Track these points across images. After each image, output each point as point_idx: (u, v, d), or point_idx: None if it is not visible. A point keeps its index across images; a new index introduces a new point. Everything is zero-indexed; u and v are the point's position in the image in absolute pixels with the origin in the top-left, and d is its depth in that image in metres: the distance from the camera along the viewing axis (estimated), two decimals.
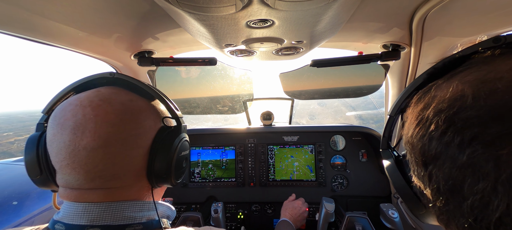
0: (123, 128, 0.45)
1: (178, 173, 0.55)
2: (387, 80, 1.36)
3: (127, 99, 0.48)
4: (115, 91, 0.49)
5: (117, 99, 0.47)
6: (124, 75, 0.53)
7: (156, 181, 0.51)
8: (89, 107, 0.44)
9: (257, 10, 0.59)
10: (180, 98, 1.58)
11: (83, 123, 0.43)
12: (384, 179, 1.52)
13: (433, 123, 0.28)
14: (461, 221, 0.26)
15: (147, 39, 1.00)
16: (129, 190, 0.48)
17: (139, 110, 0.49)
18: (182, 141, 0.56)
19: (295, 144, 1.62)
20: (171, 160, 0.51)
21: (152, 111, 0.52)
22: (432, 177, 0.29)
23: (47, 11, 0.68)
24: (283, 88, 1.55)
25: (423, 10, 0.78)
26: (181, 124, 0.56)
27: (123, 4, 0.72)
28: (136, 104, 0.49)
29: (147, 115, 0.50)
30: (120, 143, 0.44)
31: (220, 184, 1.61)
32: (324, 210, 1.21)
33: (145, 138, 0.48)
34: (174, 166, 0.53)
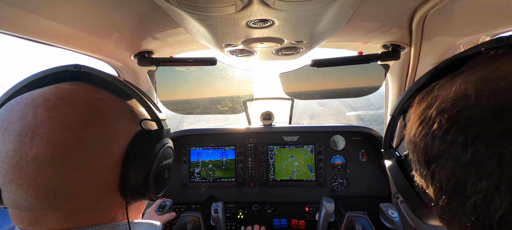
0: (87, 134, 0.36)
1: (158, 186, 0.46)
2: (387, 80, 1.36)
3: (95, 97, 0.40)
4: (80, 87, 0.41)
5: (81, 98, 0.39)
6: (93, 68, 0.44)
7: (131, 196, 0.42)
8: (43, 107, 0.35)
9: (257, 10, 0.59)
10: (180, 98, 1.58)
11: (33, 127, 0.34)
12: (384, 179, 1.52)
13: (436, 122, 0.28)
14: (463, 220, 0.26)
15: (147, 39, 1.00)
16: (96, 210, 0.40)
17: (111, 111, 0.41)
18: (164, 148, 0.47)
19: (295, 144, 1.62)
20: (149, 171, 0.43)
21: (127, 113, 0.44)
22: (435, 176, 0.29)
23: (47, 11, 0.68)
24: (283, 88, 1.55)
25: (423, 10, 0.78)
26: (163, 128, 0.48)
27: (123, 4, 0.72)
28: (106, 104, 0.41)
29: (121, 117, 0.42)
30: (82, 152, 0.36)
31: (220, 184, 1.61)
32: (324, 210, 1.21)
33: (117, 145, 0.40)
34: (153, 178, 0.44)
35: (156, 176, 0.44)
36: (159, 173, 0.46)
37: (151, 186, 0.44)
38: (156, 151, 0.44)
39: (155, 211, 1.22)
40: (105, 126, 0.39)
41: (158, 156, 0.44)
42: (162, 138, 0.47)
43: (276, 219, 1.57)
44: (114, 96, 0.44)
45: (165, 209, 1.23)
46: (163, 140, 0.47)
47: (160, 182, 0.47)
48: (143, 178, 0.42)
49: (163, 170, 0.47)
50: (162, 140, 0.47)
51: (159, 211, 1.21)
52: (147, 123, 0.48)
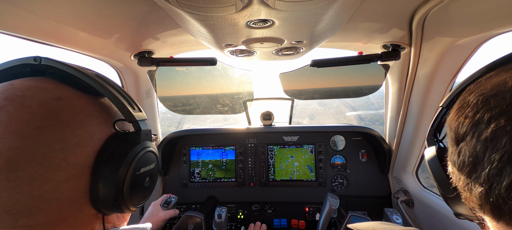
0: (41, 141, 0.31)
1: (136, 197, 0.40)
2: (387, 80, 1.36)
3: (53, 97, 0.34)
4: (37, 84, 0.35)
5: (35, 97, 0.33)
6: (56, 61, 0.37)
7: (105, 208, 0.37)
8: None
9: (257, 10, 0.59)
10: (180, 99, 1.59)
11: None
12: (384, 179, 1.53)
13: (471, 104, 0.31)
14: (478, 190, 0.29)
15: (147, 39, 1.01)
16: (62, 225, 0.34)
17: (73, 112, 0.35)
18: (142, 153, 0.40)
19: (295, 144, 1.62)
20: (123, 180, 0.37)
21: (96, 114, 0.38)
22: (460, 153, 0.32)
23: (47, 12, 0.68)
24: (283, 88, 1.55)
25: (423, 10, 0.78)
26: (140, 129, 0.41)
27: (124, 5, 0.72)
28: (68, 104, 0.35)
29: (87, 119, 0.36)
30: (36, 163, 0.30)
31: (220, 184, 1.61)
32: (328, 205, 1.21)
33: (82, 152, 0.34)
34: (128, 188, 0.38)
35: (132, 186, 0.38)
36: (136, 182, 0.39)
37: (127, 197, 0.37)
38: (130, 157, 0.38)
39: (160, 205, 1.22)
40: (65, 130, 0.33)
41: (134, 163, 0.38)
42: (140, 142, 0.40)
43: (276, 219, 1.57)
44: (81, 93, 0.38)
45: (170, 205, 1.23)
46: (141, 144, 0.40)
47: (138, 192, 0.40)
48: (116, 189, 0.36)
49: (142, 178, 0.41)
50: (140, 144, 0.40)
51: (164, 206, 1.22)
52: (124, 125, 0.42)
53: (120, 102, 0.39)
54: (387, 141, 1.47)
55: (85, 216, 0.36)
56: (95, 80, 0.38)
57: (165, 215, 1.18)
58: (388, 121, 1.44)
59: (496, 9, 0.67)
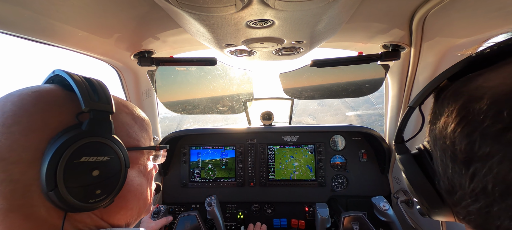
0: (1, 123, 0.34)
1: (78, 189, 0.36)
2: (387, 80, 1.36)
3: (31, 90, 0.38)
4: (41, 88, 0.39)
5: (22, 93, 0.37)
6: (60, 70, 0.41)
7: (55, 204, 0.35)
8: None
9: (257, 10, 0.59)
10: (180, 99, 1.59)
11: None
12: (384, 179, 1.53)
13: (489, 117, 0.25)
14: (505, 223, 0.25)
15: (147, 39, 1.01)
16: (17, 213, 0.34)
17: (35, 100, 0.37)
18: (87, 141, 0.37)
19: (295, 144, 1.62)
20: (55, 165, 0.34)
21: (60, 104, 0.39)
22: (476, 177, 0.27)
23: (47, 11, 0.68)
24: (283, 88, 1.55)
25: (423, 11, 0.78)
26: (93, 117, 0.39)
27: (124, 4, 0.72)
28: (36, 94, 0.38)
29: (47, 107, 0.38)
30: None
31: (220, 184, 1.61)
32: (319, 217, 1.22)
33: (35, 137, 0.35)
34: (63, 180, 0.35)
35: (68, 174, 0.35)
36: (74, 170, 0.36)
37: (62, 189, 0.34)
38: (70, 141, 0.36)
39: (150, 218, 1.23)
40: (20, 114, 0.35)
41: (69, 150, 0.35)
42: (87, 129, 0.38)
43: (276, 219, 1.57)
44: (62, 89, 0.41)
45: (160, 214, 1.24)
46: (89, 132, 0.38)
47: (81, 183, 0.37)
48: (47, 173, 0.34)
49: (83, 167, 0.37)
50: (87, 132, 0.38)
51: (154, 217, 1.22)
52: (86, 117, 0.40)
53: (81, 90, 0.39)
54: (387, 141, 1.47)
55: (42, 208, 0.36)
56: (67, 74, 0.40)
57: (156, 225, 1.18)
58: (388, 121, 1.44)
59: (496, 10, 0.68)
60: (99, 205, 0.40)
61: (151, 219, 1.22)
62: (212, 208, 1.25)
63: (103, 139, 0.40)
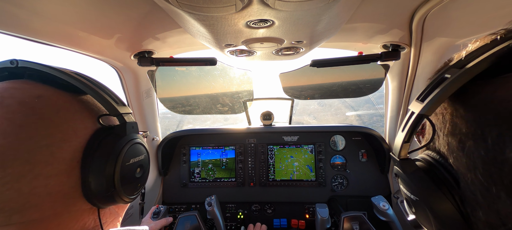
0: (24, 138, 0.32)
1: (129, 187, 0.42)
2: (387, 80, 1.36)
3: (33, 95, 0.35)
4: (16, 85, 0.36)
5: (14, 97, 0.34)
6: (33, 62, 0.38)
7: (99, 201, 0.38)
8: None
9: (257, 10, 0.59)
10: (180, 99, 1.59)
11: None
12: (384, 179, 1.53)
13: None
14: None
15: (147, 39, 1.01)
16: (56, 220, 0.35)
17: (54, 109, 0.36)
18: (130, 144, 0.42)
19: (295, 144, 1.62)
20: (113, 172, 0.38)
21: (79, 109, 0.39)
22: None
23: (47, 11, 0.68)
24: (283, 88, 1.55)
25: (423, 10, 0.78)
26: (126, 122, 0.42)
27: (124, 5, 0.72)
28: (49, 102, 0.36)
29: (70, 115, 0.37)
30: (22, 159, 0.31)
31: (220, 184, 1.61)
32: (319, 217, 1.22)
33: (68, 147, 0.35)
34: (119, 179, 0.39)
35: (123, 177, 0.40)
36: (126, 173, 0.41)
37: (119, 188, 0.39)
38: (118, 148, 0.39)
39: (150, 218, 1.23)
40: (47, 126, 0.34)
41: (122, 153, 0.40)
42: (126, 134, 0.42)
43: (276, 219, 1.57)
44: (61, 92, 0.39)
45: (159, 215, 1.24)
46: (127, 136, 0.42)
47: (130, 182, 0.42)
48: (107, 180, 0.37)
49: (133, 168, 0.43)
50: (126, 136, 0.42)
51: (154, 217, 1.22)
52: (109, 119, 0.43)
53: (102, 97, 0.40)
54: (387, 141, 1.47)
55: (78, 210, 0.37)
56: (74, 78, 0.39)
57: (156, 226, 1.18)
58: (388, 121, 1.44)
59: (496, 9, 0.68)
60: (136, 197, 0.45)
61: (151, 219, 1.22)
62: (212, 208, 1.25)
63: (139, 139, 0.45)
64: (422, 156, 0.37)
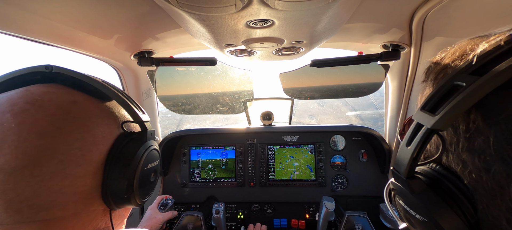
0: (61, 140, 0.34)
1: (143, 190, 0.45)
2: (387, 80, 1.36)
3: (69, 100, 0.38)
4: (51, 90, 0.38)
5: (53, 101, 0.36)
6: (66, 68, 0.41)
7: (115, 202, 0.40)
8: (10, 112, 0.33)
9: (257, 10, 0.59)
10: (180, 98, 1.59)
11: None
12: (384, 179, 1.53)
13: None
14: None
15: (147, 39, 1.01)
16: (74, 220, 0.37)
17: (87, 114, 0.38)
18: (149, 151, 0.45)
19: (295, 144, 1.62)
20: (134, 176, 0.41)
21: (106, 115, 0.41)
22: None
23: (47, 11, 0.68)
24: (283, 88, 1.55)
25: (423, 10, 0.78)
26: (147, 129, 0.45)
27: (124, 5, 0.72)
28: (82, 107, 0.38)
29: (99, 120, 0.40)
30: (57, 159, 0.33)
31: (220, 184, 1.61)
32: (324, 209, 1.21)
33: (96, 150, 0.38)
34: (138, 183, 0.42)
35: (141, 181, 0.43)
36: (144, 177, 0.44)
37: (136, 191, 0.42)
38: (140, 154, 0.42)
39: (157, 208, 1.23)
40: (82, 130, 0.36)
41: (143, 159, 0.43)
42: (146, 141, 0.45)
43: (276, 219, 1.57)
44: (91, 98, 0.41)
45: (167, 207, 1.23)
46: (147, 142, 0.45)
47: (145, 186, 0.45)
48: (127, 183, 0.40)
49: (148, 173, 0.46)
50: (146, 143, 0.44)
51: (161, 209, 1.22)
52: (130, 126, 0.45)
53: (127, 105, 0.44)
54: (387, 141, 1.47)
55: (94, 211, 0.39)
56: (103, 85, 0.42)
57: (163, 217, 1.19)
58: (388, 121, 1.44)
59: (496, 9, 0.68)
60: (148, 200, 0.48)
61: (158, 210, 1.22)
62: (218, 216, 1.25)
63: (156, 146, 0.48)
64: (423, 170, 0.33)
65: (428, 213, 0.30)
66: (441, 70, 0.34)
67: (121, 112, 0.45)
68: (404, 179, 0.32)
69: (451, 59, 0.33)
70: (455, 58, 0.33)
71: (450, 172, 0.30)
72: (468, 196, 0.28)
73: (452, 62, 0.33)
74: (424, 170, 0.33)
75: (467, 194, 0.28)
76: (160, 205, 1.24)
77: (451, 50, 0.34)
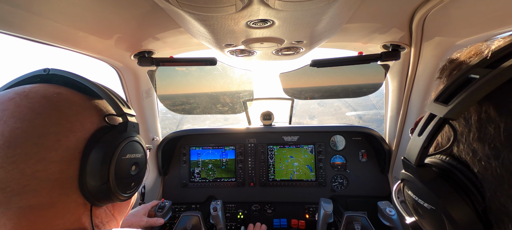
0: (38, 123, 0.35)
1: (122, 183, 0.43)
2: (387, 80, 1.36)
3: (54, 92, 0.39)
4: (44, 87, 0.40)
5: (39, 92, 0.38)
6: (61, 70, 0.44)
7: (93, 195, 0.39)
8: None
9: (257, 10, 0.59)
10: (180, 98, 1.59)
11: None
12: (384, 179, 1.53)
13: None
14: None
15: (147, 39, 1.01)
16: (52, 210, 0.36)
17: (68, 103, 0.39)
18: (128, 141, 0.44)
19: (295, 144, 1.62)
20: (108, 166, 0.39)
21: (89, 107, 0.42)
22: None
23: (47, 11, 0.68)
24: (283, 88, 1.55)
25: (423, 10, 0.78)
26: (128, 121, 0.45)
27: (124, 5, 0.72)
28: (66, 97, 0.40)
29: (80, 110, 0.40)
30: (31, 142, 0.34)
31: (220, 184, 1.61)
32: (322, 211, 1.21)
33: (73, 137, 0.38)
34: (114, 175, 0.40)
35: (117, 171, 0.41)
36: (121, 167, 0.42)
37: (113, 183, 0.40)
38: (116, 142, 0.41)
39: (155, 211, 1.22)
40: (59, 116, 0.37)
41: (119, 148, 0.42)
42: (125, 131, 0.44)
43: (276, 219, 1.57)
44: (79, 93, 0.43)
45: (164, 209, 1.23)
46: (127, 132, 0.44)
47: (125, 178, 0.43)
48: (101, 173, 0.39)
49: (127, 164, 0.44)
50: (126, 132, 0.44)
51: (158, 212, 1.22)
52: (113, 119, 0.45)
53: (111, 98, 0.45)
54: (387, 141, 1.47)
55: (73, 203, 0.39)
56: (92, 83, 0.43)
57: (148, 221, 1.12)
58: (388, 121, 1.44)
59: (496, 9, 0.67)
60: (130, 196, 0.46)
61: (156, 212, 1.21)
62: (216, 213, 1.25)
63: (138, 138, 0.48)
64: (433, 161, 0.34)
65: (437, 201, 0.31)
66: (456, 67, 0.35)
67: (107, 108, 0.46)
68: (414, 167, 0.33)
69: (466, 57, 0.34)
70: (470, 56, 0.33)
71: (459, 163, 0.31)
72: (476, 184, 0.29)
73: (467, 59, 0.34)
74: (434, 161, 0.34)
75: (475, 183, 0.29)
76: (158, 208, 1.23)
77: (466, 50, 0.35)
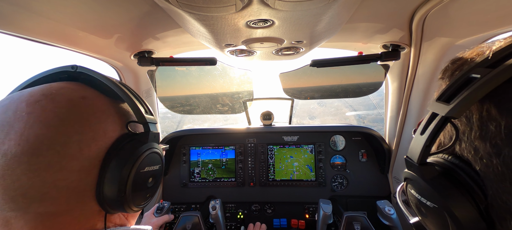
0: (62, 131, 0.34)
1: (138, 195, 0.41)
2: (387, 80, 1.36)
3: (80, 95, 0.39)
4: (70, 86, 0.40)
5: (65, 95, 0.37)
6: (89, 69, 0.43)
7: (108, 205, 0.38)
8: (25, 102, 0.35)
9: (257, 10, 0.59)
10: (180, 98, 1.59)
11: (11, 122, 0.33)
12: (383, 179, 1.53)
13: None
14: None
15: (147, 39, 1.01)
16: (68, 217, 0.36)
17: (92, 110, 0.38)
18: (148, 153, 0.42)
19: (295, 144, 1.62)
20: (127, 177, 0.38)
21: (112, 113, 0.41)
22: None
23: (46, 10, 0.68)
24: (283, 88, 1.55)
25: (423, 10, 0.78)
26: (150, 130, 0.44)
27: (124, 5, 0.72)
28: (90, 103, 0.39)
29: (104, 117, 0.39)
30: (54, 150, 0.33)
31: (220, 184, 1.61)
32: (322, 212, 1.21)
33: (95, 146, 0.37)
34: (131, 186, 0.39)
35: (135, 184, 0.40)
36: (139, 180, 0.41)
37: (129, 195, 0.39)
38: (136, 155, 0.40)
39: (153, 213, 1.22)
40: (83, 124, 0.36)
41: (139, 160, 0.40)
42: (147, 142, 0.43)
43: (276, 219, 1.57)
44: (103, 95, 0.42)
45: (163, 210, 1.23)
46: (147, 144, 0.42)
47: (140, 190, 0.42)
48: (119, 183, 0.37)
49: (145, 177, 0.43)
50: (146, 144, 0.42)
51: (157, 213, 1.22)
52: (135, 126, 0.44)
53: (134, 105, 0.43)
54: (387, 141, 1.47)
55: (89, 210, 0.38)
56: (117, 86, 0.42)
57: (158, 221, 1.16)
58: (388, 121, 1.44)
59: (496, 9, 0.68)
60: (144, 207, 0.45)
61: (154, 215, 1.22)
62: (215, 212, 1.25)
63: (158, 149, 0.46)
64: (435, 160, 0.35)
65: (439, 199, 0.31)
66: (458, 67, 0.36)
67: (130, 114, 0.44)
68: (417, 165, 0.33)
69: (468, 57, 0.35)
70: (472, 57, 0.34)
71: (462, 161, 0.32)
72: (478, 182, 0.29)
73: (469, 60, 0.34)
74: (437, 159, 0.35)
75: (477, 181, 0.29)
76: (156, 209, 1.24)
77: (468, 51, 0.36)
